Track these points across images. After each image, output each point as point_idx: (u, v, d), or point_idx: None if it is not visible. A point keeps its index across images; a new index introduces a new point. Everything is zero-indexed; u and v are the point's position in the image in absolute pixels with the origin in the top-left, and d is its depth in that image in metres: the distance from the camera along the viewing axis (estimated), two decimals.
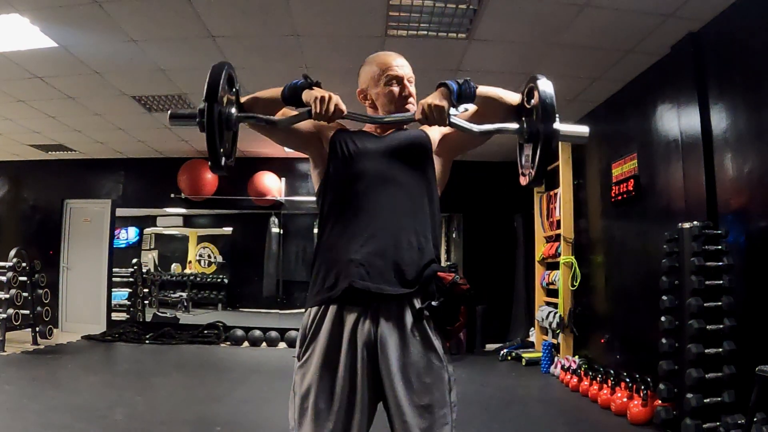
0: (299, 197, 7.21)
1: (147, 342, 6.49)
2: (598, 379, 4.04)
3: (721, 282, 2.92)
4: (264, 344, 6.68)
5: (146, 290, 7.77)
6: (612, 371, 3.99)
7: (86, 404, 3.60)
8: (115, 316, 7.27)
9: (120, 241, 7.76)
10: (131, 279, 7.55)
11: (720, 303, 2.89)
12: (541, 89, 1.28)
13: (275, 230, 7.49)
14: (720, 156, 3.15)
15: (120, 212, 7.50)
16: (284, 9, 3.28)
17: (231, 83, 1.36)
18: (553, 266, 5.68)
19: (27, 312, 5.80)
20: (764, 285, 2.81)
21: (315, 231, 7.24)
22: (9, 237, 7.10)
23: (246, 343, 6.69)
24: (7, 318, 5.54)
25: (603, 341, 4.62)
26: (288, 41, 3.70)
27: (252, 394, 4.21)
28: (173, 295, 8.05)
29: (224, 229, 8.39)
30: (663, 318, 3.09)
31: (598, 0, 3.09)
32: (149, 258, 8.29)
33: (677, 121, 3.52)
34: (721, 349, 2.84)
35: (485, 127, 1.35)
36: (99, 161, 7.35)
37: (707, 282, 2.90)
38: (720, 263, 2.95)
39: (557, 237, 5.49)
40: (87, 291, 7.18)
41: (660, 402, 3.12)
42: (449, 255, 7.68)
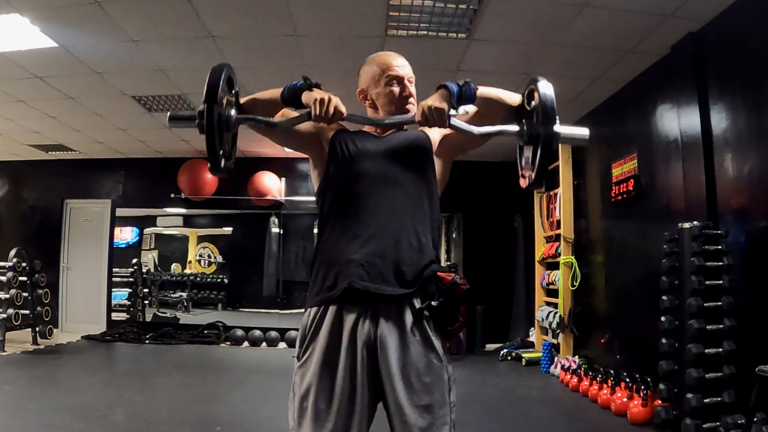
0: (299, 197, 7.21)
1: (147, 342, 6.49)
2: (598, 379, 4.04)
3: (721, 282, 2.92)
4: (264, 344, 6.68)
5: (146, 290, 7.78)
6: (612, 371, 3.99)
7: (86, 404, 3.60)
8: (115, 316, 7.27)
9: (120, 242, 7.76)
10: (131, 279, 7.55)
11: (720, 303, 2.89)
12: (542, 91, 1.27)
13: (275, 230, 7.49)
14: (720, 156, 3.15)
15: (120, 212, 7.49)
16: (284, 9, 3.28)
17: (230, 85, 1.36)
18: (553, 266, 5.68)
19: (27, 312, 5.80)
20: (764, 285, 2.81)
21: (315, 231, 7.24)
22: (9, 237, 7.10)
23: (246, 343, 6.69)
24: (7, 318, 5.54)
25: (603, 341, 4.62)
26: (288, 41, 3.70)
27: (252, 394, 4.20)
28: (173, 295, 8.06)
29: (224, 229, 8.40)
30: (663, 318, 3.09)
31: (598, 0, 3.09)
32: (149, 258, 8.29)
33: (677, 121, 3.52)
34: (721, 349, 2.84)
35: (485, 130, 1.35)
36: (99, 161, 7.35)
37: (707, 282, 2.90)
38: (720, 263, 2.95)
39: (557, 237, 5.49)
40: (87, 291, 7.18)
41: (660, 402, 3.12)
42: (449, 255, 7.68)
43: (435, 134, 1.49)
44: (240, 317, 7.53)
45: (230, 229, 8.37)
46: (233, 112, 1.34)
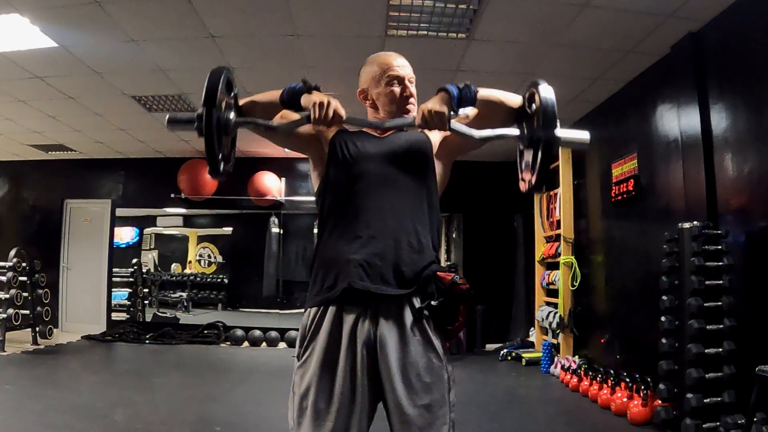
0: (299, 197, 7.21)
1: (147, 342, 6.49)
2: (598, 379, 4.04)
3: (721, 282, 2.92)
4: (264, 344, 6.68)
5: (146, 290, 7.77)
6: (612, 371, 3.99)
7: (86, 404, 3.60)
8: (115, 316, 7.27)
9: (120, 242, 7.76)
10: (131, 279, 7.55)
11: (720, 303, 2.89)
12: (543, 95, 1.27)
13: (275, 230, 7.49)
14: (720, 156, 3.15)
15: (120, 212, 7.49)
16: (284, 9, 3.28)
17: (229, 87, 1.35)
18: (553, 266, 5.68)
19: (27, 312, 5.80)
20: (764, 285, 2.81)
21: (315, 231, 7.23)
22: (9, 237, 7.09)
23: (246, 343, 6.69)
24: (7, 318, 5.54)
25: (603, 341, 4.62)
26: (288, 41, 3.70)
27: (252, 394, 4.21)
28: (173, 295, 8.06)
29: (224, 229, 8.40)
30: (663, 318, 3.09)
31: (598, 0, 3.09)
32: (149, 258, 8.29)
33: (677, 121, 3.52)
34: (721, 349, 2.84)
35: (486, 133, 1.34)
36: (99, 161, 7.35)
37: (707, 282, 2.90)
38: (720, 263, 2.95)
39: (557, 237, 5.49)
40: (87, 291, 7.18)
41: (660, 402, 3.12)
42: (449, 255, 7.68)
43: (435, 136, 1.49)
44: (240, 317, 7.53)
45: (230, 229, 8.37)
46: (232, 116, 1.34)
